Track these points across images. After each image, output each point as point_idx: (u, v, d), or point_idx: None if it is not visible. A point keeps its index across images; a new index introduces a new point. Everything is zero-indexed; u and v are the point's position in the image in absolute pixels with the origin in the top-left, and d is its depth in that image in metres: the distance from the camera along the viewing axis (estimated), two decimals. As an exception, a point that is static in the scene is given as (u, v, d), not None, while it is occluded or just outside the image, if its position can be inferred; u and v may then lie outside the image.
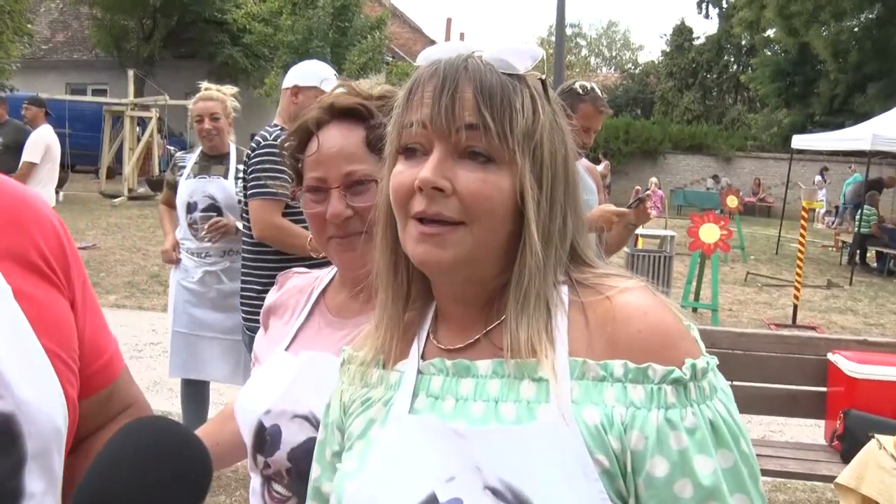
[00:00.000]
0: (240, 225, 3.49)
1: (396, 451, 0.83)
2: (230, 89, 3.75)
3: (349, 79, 1.25)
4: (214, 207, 3.58)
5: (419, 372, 0.88)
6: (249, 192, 2.99)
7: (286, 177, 3.00)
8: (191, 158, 3.73)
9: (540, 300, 0.81)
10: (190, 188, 3.63)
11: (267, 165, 2.95)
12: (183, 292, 3.69)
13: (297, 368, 1.16)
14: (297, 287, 1.33)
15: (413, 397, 0.86)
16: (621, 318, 0.80)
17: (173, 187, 3.79)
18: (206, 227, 3.53)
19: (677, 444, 0.74)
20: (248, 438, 1.18)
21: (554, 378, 0.77)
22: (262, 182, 2.95)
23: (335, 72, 3.44)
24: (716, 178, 24.74)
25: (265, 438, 1.14)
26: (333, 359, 1.13)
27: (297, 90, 3.14)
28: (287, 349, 1.22)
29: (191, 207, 3.62)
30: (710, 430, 0.76)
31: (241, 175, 3.48)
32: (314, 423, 1.11)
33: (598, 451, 0.75)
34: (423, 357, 0.89)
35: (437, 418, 0.83)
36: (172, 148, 21.05)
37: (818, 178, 21.36)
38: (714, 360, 0.81)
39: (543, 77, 0.86)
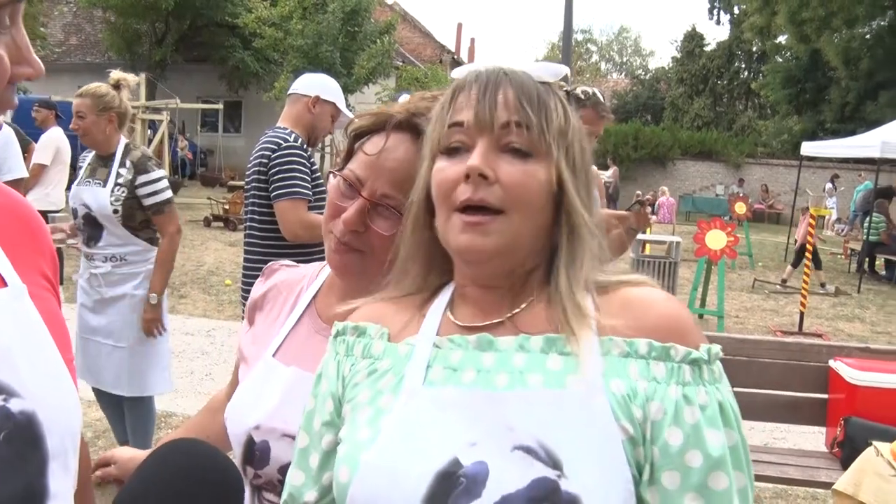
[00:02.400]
0: (116, 229, 3.39)
1: (413, 421, 0.85)
2: (133, 78, 3.56)
3: (359, 84, 1.20)
4: (90, 217, 3.41)
5: (435, 346, 0.91)
6: (275, 194, 2.99)
7: (308, 178, 3.04)
8: (87, 160, 3.55)
9: (587, 281, 0.89)
10: (72, 194, 3.49)
11: (295, 166, 2.99)
12: (79, 292, 3.59)
13: (285, 385, 1.14)
14: (284, 282, 1.29)
15: (427, 369, 0.89)
16: (644, 303, 0.88)
17: None
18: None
19: (692, 417, 0.81)
20: (236, 449, 1.16)
21: (584, 352, 0.83)
22: (288, 183, 2.97)
23: (345, 76, 3.48)
24: (741, 181, 24.67)
25: (254, 453, 1.13)
26: None
27: (317, 101, 3.17)
28: (275, 355, 1.20)
29: (74, 213, 3.49)
30: (719, 409, 0.82)
31: (121, 180, 3.38)
32: None
33: (623, 419, 0.81)
34: (438, 334, 0.92)
35: (457, 388, 0.86)
36: (179, 152, 21.19)
37: (829, 185, 21.27)
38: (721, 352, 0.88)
39: (568, 89, 0.96)
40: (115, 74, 3.52)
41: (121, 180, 3.38)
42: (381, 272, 1.12)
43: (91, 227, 3.44)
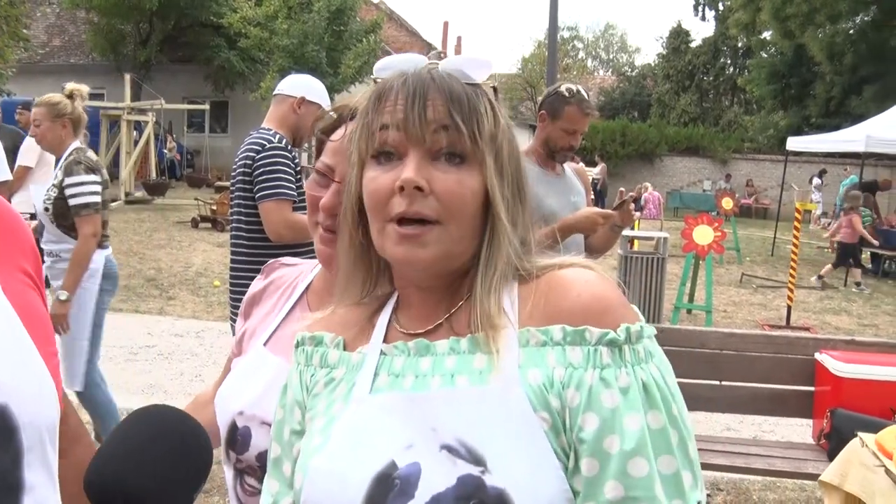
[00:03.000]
0: (50, 227, 3.65)
1: (360, 428, 0.87)
2: (85, 89, 3.82)
3: (346, 84, 1.21)
4: (33, 216, 3.79)
5: (382, 353, 0.93)
6: (260, 195, 3.01)
7: (292, 178, 3.05)
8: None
9: (504, 280, 0.89)
10: None
11: (279, 167, 3.01)
12: None
13: (271, 375, 1.17)
14: (282, 278, 1.34)
15: (374, 377, 0.91)
16: (563, 286, 0.86)
17: None
18: None
19: (610, 401, 0.78)
20: (222, 431, 1.20)
21: (497, 350, 0.83)
22: (273, 184, 2.99)
23: (331, 75, 3.54)
24: (728, 177, 24.84)
25: (237, 437, 1.17)
26: None
27: (302, 102, 3.18)
28: (266, 344, 1.24)
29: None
30: (643, 390, 0.79)
31: (55, 181, 3.69)
32: None
33: (541, 409, 0.80)
34: (385, 341, 0.94)
35: (399, 393, 0.88)
36: (166, 153, 21.06)
37: (816, 180, 21.40)
38: (651, 329, 0.85)
39: (495, 85, 0.94)
40: (70, 86, 3.86)
41: (55, 181, 3.70)
42: None
43: (39, 224, 3.80)
